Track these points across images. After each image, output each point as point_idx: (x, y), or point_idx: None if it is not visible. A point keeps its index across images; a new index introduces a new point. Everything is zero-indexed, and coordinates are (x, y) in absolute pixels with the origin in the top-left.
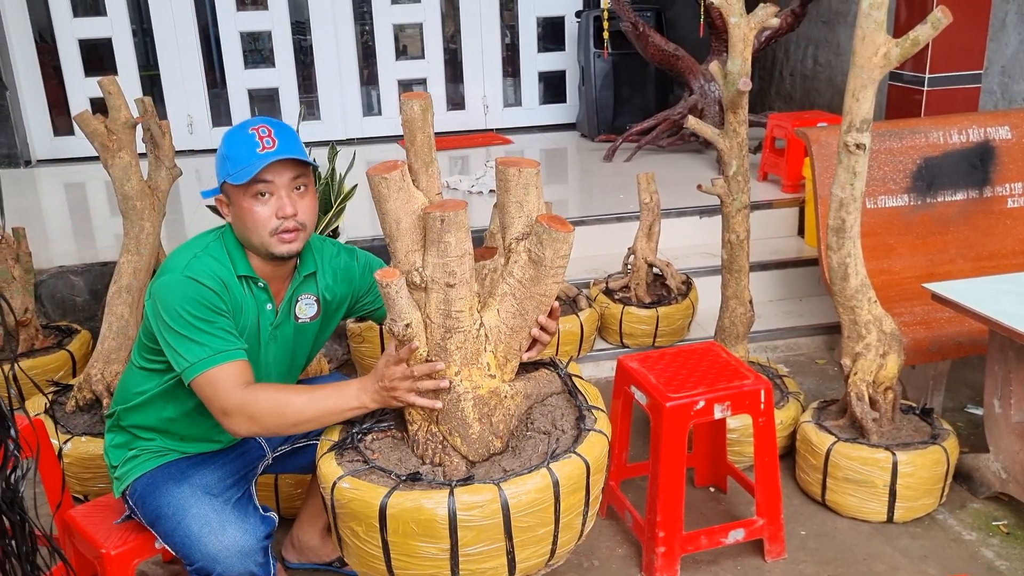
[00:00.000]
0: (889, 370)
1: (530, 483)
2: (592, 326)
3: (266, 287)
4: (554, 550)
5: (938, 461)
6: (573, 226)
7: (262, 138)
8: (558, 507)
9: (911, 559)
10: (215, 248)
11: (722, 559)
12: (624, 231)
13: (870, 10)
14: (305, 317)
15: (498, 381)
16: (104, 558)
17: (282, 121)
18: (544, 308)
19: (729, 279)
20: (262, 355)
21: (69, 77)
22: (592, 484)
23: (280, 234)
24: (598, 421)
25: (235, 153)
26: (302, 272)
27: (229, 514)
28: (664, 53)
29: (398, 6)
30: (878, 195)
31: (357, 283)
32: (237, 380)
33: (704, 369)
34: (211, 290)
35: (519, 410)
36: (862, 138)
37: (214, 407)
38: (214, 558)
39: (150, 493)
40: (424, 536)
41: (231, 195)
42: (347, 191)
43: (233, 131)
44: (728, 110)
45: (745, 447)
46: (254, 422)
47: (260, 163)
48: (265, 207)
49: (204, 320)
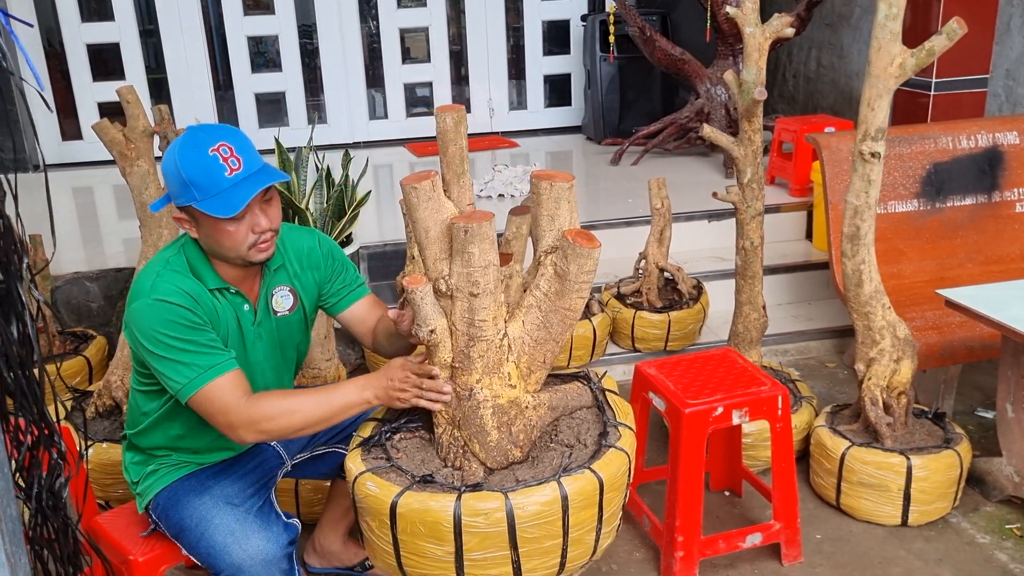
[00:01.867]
0: (903, 375)
1: (537, 495)
2: (604, 331)
3: (239, 291)
4: (563, 563)
5: (952, 465)
6: (600, 242)
7: (226, 159)
8: (566, 521)
9: (926, 562)
10: (177, 263)
11: (739, 563)
12: (633, 235)
13: (885, 21)
14: (283, 310)
15: (519, 391)
16: (132, 564)
17: (232, 127)
18: (569, 323)
19: (743, 285)
20: (251, 355)
21: (77, 82)
22: (607, 501)
23: (258, 245)
24: (621, 438)
25: (199, 179)
26: (271, 267)
27: (252, 523)
28: (670, 57)
29: (404, 10)
30: (888, 200)
31: (323, 269)
32: (234, 392)
33: (721, 375)
34: (182, 307)
35: (542, 421)
36: (877, 147)
37: (217, 421)
38: (239, 567)
39: (172, 506)
40: (430, 537)
41: (198, 217)
42: (360, 198)
43: (187, 152)
44: (743, 118)
45: (760, 451)
46: (262, 431)
47: (238, 195)
48: (241, 226)
49: (184, 340)
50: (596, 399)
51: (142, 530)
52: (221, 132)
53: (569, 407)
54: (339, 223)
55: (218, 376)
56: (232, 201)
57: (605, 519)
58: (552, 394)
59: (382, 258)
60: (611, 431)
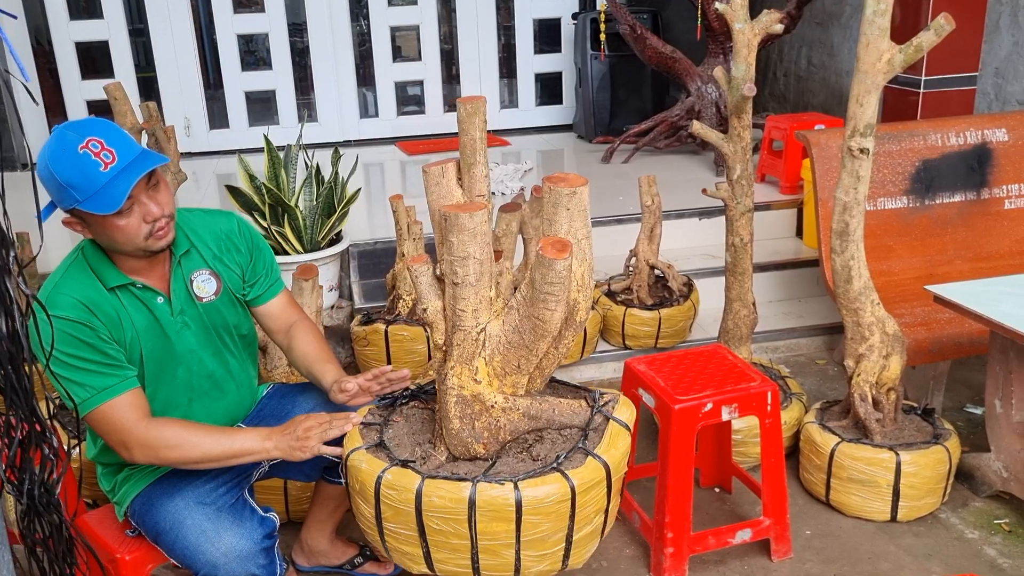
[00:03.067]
0: (892, 371)
1: (444, 489)
2: (595, 328)
3: (146, 286)
4: (476, 569)
5: (941, 461)
6: (568, 253)
7: (97, 154)
8: (472, 528)
9: (915, 557)
10: (75, 269)
11: (729, 559)
12: (624, 233)
13: (874, 17)
14: (208, 294)
15: (486, 388)
16: (119, 563)
17: (99, 120)
18: (541, 333)
19: (733, 282)
20: (179, 346)
21: (66, 80)
22: (530, 525)
23: (155, 234)
24: (581, 466)
25: (74, 179)
26: (177, 253)
27: (224, 520)
28: (661, 55)
29: (395, 8)
30: (877, 197)
31: (244, 253)
32: (131, 413)
33: (711, 371)
34: (77, 323)
35: (514, 426)
36: (866, 143)
37: (112, 440)
38: (214, 565)
39: (147, 511)
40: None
41: (86, 217)
42: (350, 195)
43: (56, 154)
44: (732, 115)
45: (750, 448)
46: (158, 457)
47: (117, 188)
48: (132, 219)
49: (78, 357)
50: (587, 424)
51: (128, 529)
52: (88, 127)
53: (556, 422)
54: (328, 221)
55: (112, 397)
56: (113, 196)
57: (524, 542)
58: (536, 403)
59: (372, 256)
60: (576, 454)
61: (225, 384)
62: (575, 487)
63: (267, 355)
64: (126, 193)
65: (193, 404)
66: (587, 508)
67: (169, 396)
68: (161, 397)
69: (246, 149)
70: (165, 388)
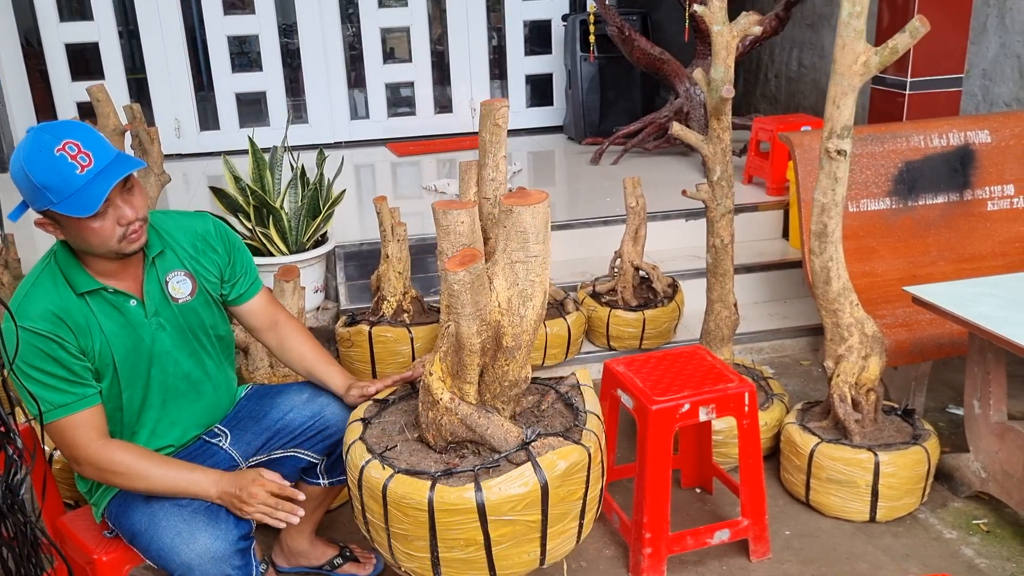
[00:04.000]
0: (871, 372)
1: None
2: (579, 329)
3: (118, 290)
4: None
5: (919, 461)
6: (468, 269)
7: (74, 157)
8: (386, 514)
9: (893, 558)
10: (46, 276)
11: (708, 559)
12: (611, 234)
13: (849, 19)
14: (183, 295)
15: (436, 381)
16: (96, 564)
17: (75, 122)
18: (461, 347)
19: (714, 283)
20: (156, 346)
21: (56, 81)
22: (441, 526)
23: (128, 237)
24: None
25: (50, 182)
26: (150, 255)
27: (199, 521)
28: (650, 57)
29: (385, 9)
30: (860, 198)
31: (221, 253)
32: (85, 432)
33: (689, 372)
34: (45, 336)
35: (453, 428)
36: (843, 144)
37: (64, 452)
38: (189, 566)
39: (123, 513)
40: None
41: (59, 219)
42: (335, 196)
43: (32, 154)
44: (711, 116)
45: (730, 448)
46: (105, 479)
47: (94, 192)
48: (106, 221)
49: (43, 371)
50: (508, 456)
51: (106, 530)
52: (65, 129)
53: (487, 441)
54: (313, 222)
55: (69, 414)
56: (89, 199)
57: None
58: (475, 415)
59: (359, 257)
60: (502, 464)
61: (202, 385)
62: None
63: (248, 356)
64: (103, 197)
65: (168, 405)
66: None
67: (144, 397)
68: (136, 399)
69: (236, 151)
70: (139, 390)
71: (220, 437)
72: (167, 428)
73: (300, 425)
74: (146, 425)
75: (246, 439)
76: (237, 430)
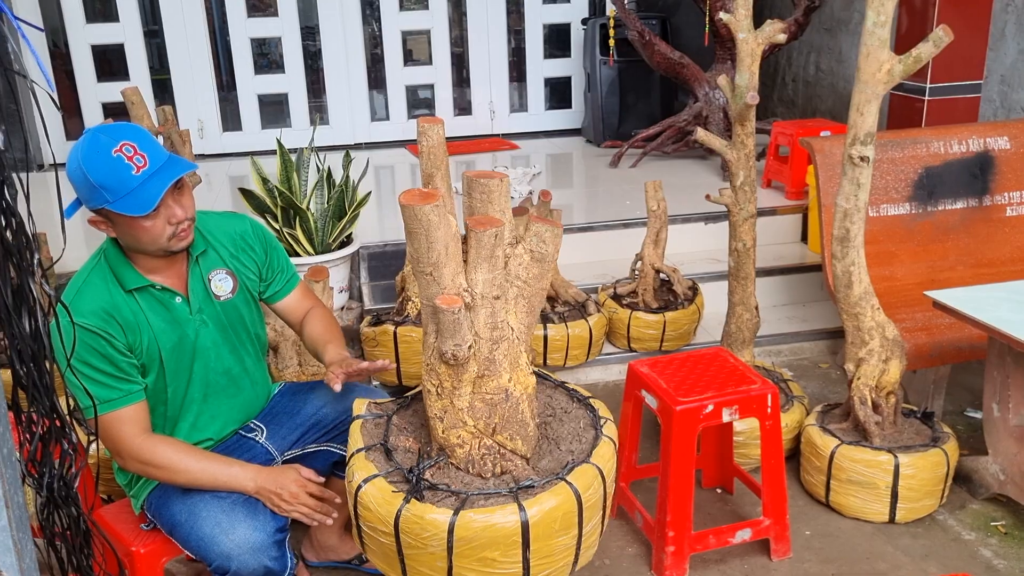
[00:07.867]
0: (891, 375)
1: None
2: (601, 331)
3: (165, 287)
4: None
5: (938, 463)
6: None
7: (130, 158)
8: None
9: (912, 558)
10: (97, 273)
11: (729, 558)
12: (631, 237)
13: (874, 28)
14: (225, 293)
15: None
16: (134, 556)
17: (130, 124)
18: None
19: (736, 286)
20: (200, 341)
21: (82, 82)
22: None
23: (177, 235)
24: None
25: (107, 181)
26: (194, 253)
27: (238, 512)
28: (669, 61)
29: (406, 12)
30: (880, 203)
31: (259, 251)
32: (130, 427)
33: (713, 374)
34: (95, 332)
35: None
36: (866, 151)
37: (108, 446)
38: (228, 556)
39: (163, 505)
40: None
41: (113, 217)
42: (361, 198)
43: (90, 155)
44: (736, 122)
45: (751, 449)
46: (146, 473)
47: (149, 192)
48: (157, 220)
49: (92, 367)
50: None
51: (143, 523)
52: (121, 132)
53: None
54: (339, 223)
55: (114, 409)
56: (144, 199)
57: None
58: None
59: (382, 258)
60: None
61: (241, 380)
62: None
63: (278, 355)
64: (159, 196)
65: (209, 399)
66: None
67: (186, 392)
68: (179, 393)
69: (258, 151)
70: (182, 384)
71: (256, 432)
72: (207, 422)
73: (333, 420)
74: (187, 419)
75: (281, 434)
76: (273, 425)
